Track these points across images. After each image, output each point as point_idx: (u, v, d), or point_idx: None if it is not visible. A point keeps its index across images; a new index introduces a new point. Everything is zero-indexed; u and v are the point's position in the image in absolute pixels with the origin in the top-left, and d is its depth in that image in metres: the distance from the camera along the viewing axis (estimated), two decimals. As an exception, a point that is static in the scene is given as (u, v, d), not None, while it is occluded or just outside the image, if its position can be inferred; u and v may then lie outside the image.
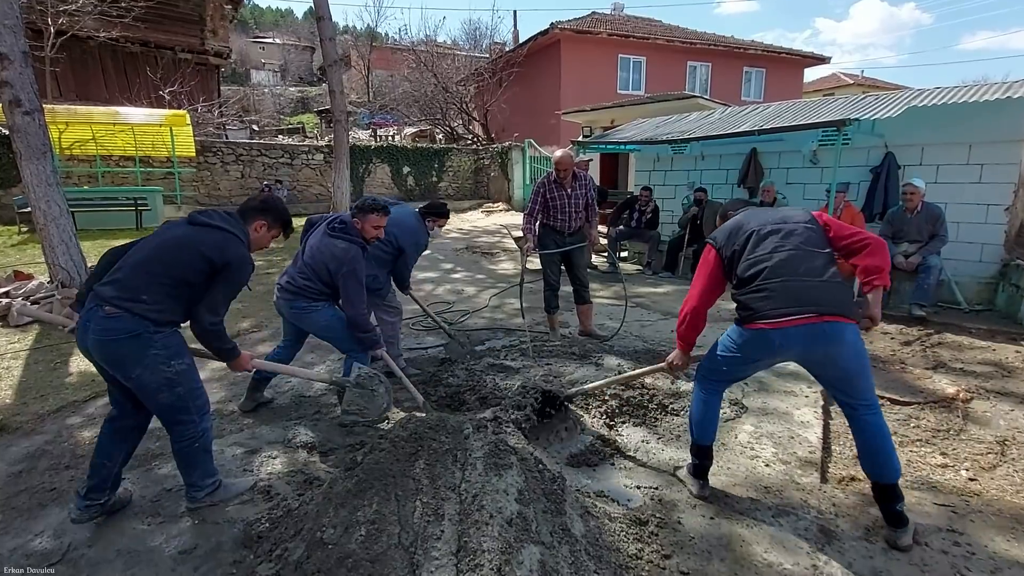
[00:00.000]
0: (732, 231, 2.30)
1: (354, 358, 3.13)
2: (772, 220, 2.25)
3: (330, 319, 3.08)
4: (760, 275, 2.12)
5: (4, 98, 5.50)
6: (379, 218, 3.10)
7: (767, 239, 2.19)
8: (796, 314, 2.01)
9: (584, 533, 2.05)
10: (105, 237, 9.06)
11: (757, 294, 2.10)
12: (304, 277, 3.03)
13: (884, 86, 28.36)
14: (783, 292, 2.06)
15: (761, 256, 2.15)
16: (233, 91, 26.11)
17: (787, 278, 2.07)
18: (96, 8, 11.90)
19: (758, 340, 2.12)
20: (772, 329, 2.05)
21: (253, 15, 55.11)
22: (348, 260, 2.94)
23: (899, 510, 2.10)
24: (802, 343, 2.04)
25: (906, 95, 5.57)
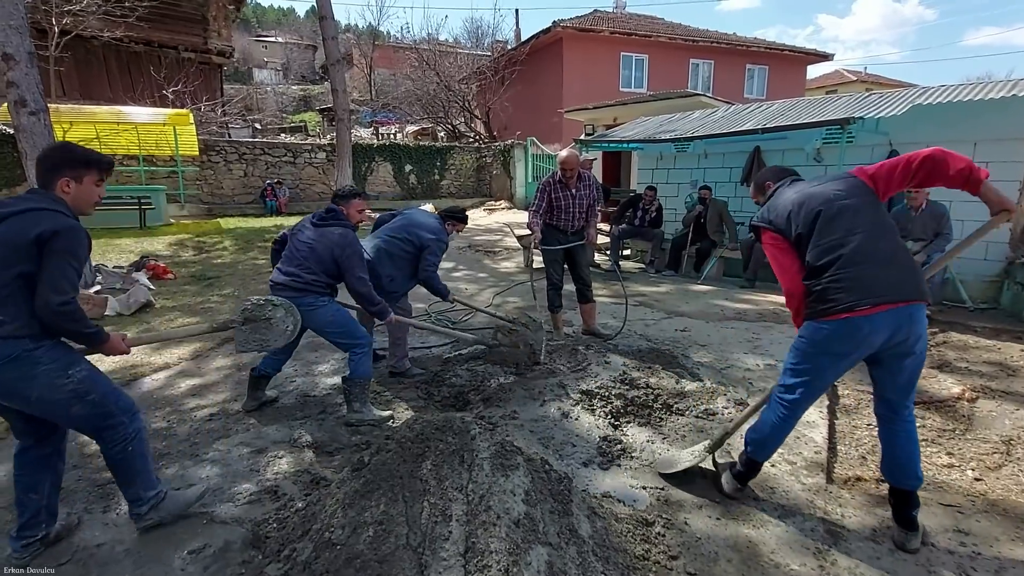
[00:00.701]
0: (793, 211, 2.10)
1: (355, 352, 3.13)
2: (835, 194, 2.06)
3: (336, 313, 3.12)
4: (836, 262, 1.97)
5: (10, 98, 5.53)
6: (361, 202, 3.27)
7: (835, 220, 2.01)
8: (884, 301, 1.91)
9: (591, 534, 2.05)
10: (109, 236, 9.09)
11: (837, 282, 1.96)
12: (309, 272, 3.04)
13: (887, 83, 28.29)
14: (869, 278, 1.93)
15: (835, 241, 1.99)
16: (236, 90, 26.13)
17: (869, 264, 1.95)
18: (100, 8, 11.90)
19: (847, 332, 1.97)
20: (860, 317, 1.92)
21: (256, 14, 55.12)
22: (348, 243, 3.07)
23: (914, 516, 2.09)
24: (891, 327, 1.93)
25: (911, 93, 5.56)
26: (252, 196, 13.58)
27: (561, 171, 4.35)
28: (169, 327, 5.03)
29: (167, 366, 4.09)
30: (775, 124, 5.84)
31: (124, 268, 6.60)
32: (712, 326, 4.95)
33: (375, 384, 3.70)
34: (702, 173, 7.99)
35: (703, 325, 4.99)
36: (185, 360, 4.22)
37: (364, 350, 3.15)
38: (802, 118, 5.82)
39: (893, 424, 2.10)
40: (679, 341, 4.51)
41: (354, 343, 3.14)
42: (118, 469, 2.08)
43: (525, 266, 8.02)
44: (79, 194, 1.99)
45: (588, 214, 4.52)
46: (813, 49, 21.59)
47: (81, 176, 1.98)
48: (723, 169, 7.72)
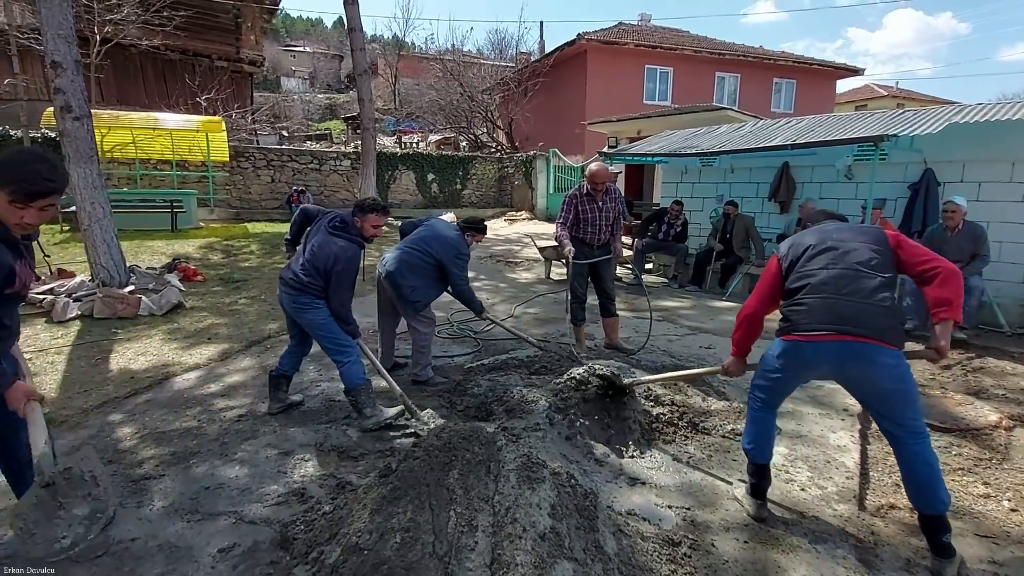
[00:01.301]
0: (795, 243, 2.32)
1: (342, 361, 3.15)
2: (835, 237, 2.22)
3: (327, 318, 3.14)
4: (803, 289, 2.15)
5: (56, 104, 5.75)
6: (378, 218, 3.24)
7: (821, 255, 2.18)
8: (829, 330, 2.03)
9: (617, 551, 2.04)
10: (142, 238, 9.35)
11: (797, 307, 2.14)
12: (307, 274, 3.10)
13: (919, 98, 27.81)
14: (821, 308, 2.07)
15: (809, 270, 2.17)
16: (265, 98, 26.75)
17: (828, 295, 2.08)
18: (140, 17, 12.32)
19: (791, 352, 2.16)
20: (804, 341, 2.08)
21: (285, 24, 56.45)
22: (345, 259, 3.07)
23: (946, 541, 2.04)
24: (834, 359, 2.06)
25: (947, 111, 5.46)
26: (278, 201, 13.83)
27: (590, 184, 4.36)
28: (198, 327, 5.14)
29: (197, 366, 4.18)
30: (805, 140, 5.77)
31: (157, 270, 6.78)
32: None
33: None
34: (728, 188, 7.93)
35: (728, 343, 4.88)
36: (215, 361, 4.30)
37: (349, 359, 3.15)
38: (833, 134, 5.75)
39: (899, 447, 2.12)
40: (703, 358, 4.46)
41: (340, 349, 3.15)
42: None
43: (546, 277, 8.02)
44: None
45: (614, 227, 4.52)
46: (842, 63, 21.34)
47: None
48: (750, 184, 7.65)
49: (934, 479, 2.05)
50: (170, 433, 3.10)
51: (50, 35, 5.57)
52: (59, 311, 5.18)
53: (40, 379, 3.88)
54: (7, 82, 11.12)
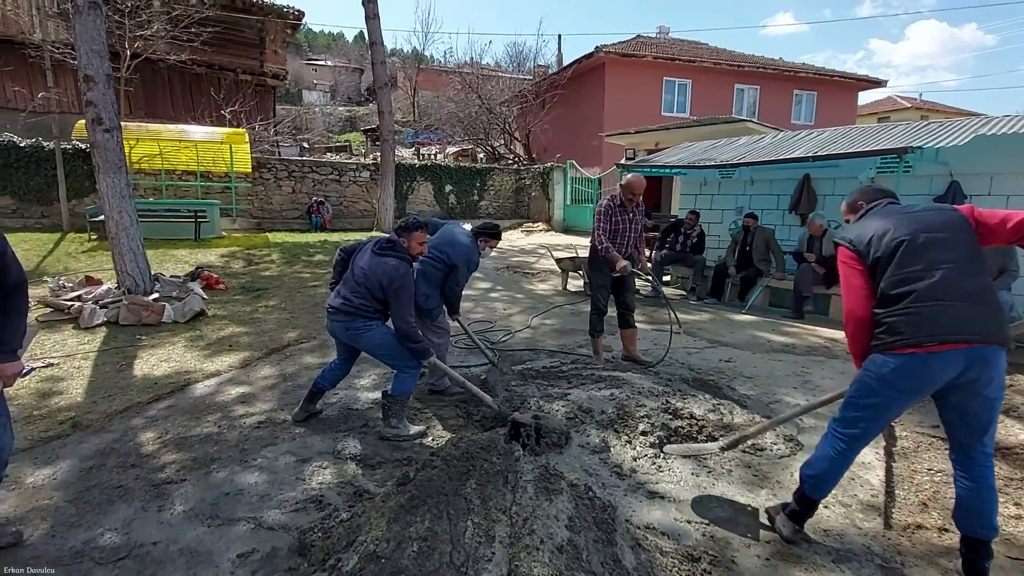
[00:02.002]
0: (875, 235, 2.03)
1: (403, 371, 3.21)
2: (925, 225, 1.98)
3: (384, 336, 3.18)
4: (911, 295, 1.90)
5: (88, 116, 5.93)
6: (422, 234, 3.25)
7: (921, 252, 1.93)
8: (955, 340, 1.85)
9: (635, 566, 2.01)
10: (167, 247, 9.55)
11: (910, 316, 1.89)
12: (359, 296, 3.13)
13: (944, 110, 27.39)
14: (943, 316, 1.86)
15: (914, 273, 1.91)
16: (287, 110, 27.29)
17: (946, 302, 1.87)
18: (169, 33, 12.71)
19: (910, 366, 1.91)
20: (927, 353, 1.86)
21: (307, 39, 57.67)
22: (399, 276, 3.08)
23: (986, 567, 1.99)
24: (960, 367, 1.87)
25: (973, 123, 5.37)
26: (299, 212, 14.05)
27: (625, 195, 4.35)
28: (219, 335, 5.22)
29: (218, 373, 4.24)
30: (827, 152, 5.72)
31: (180, 278, 6.91)
32: (758, 357, 4.82)
33: (414, 400, 3.74)
34: (748, 200, 7.87)
35: (748, 356, 4.86)
36: (235, 368, 4.36)
37: (413, 370, 3.21)
38: (855, 146, 5.68)
39: (969, 470, 2.00)
40: (723, 372, 4.41)
41: (405, 363, 3.21)
42: None
43: (563, 289, 8.01)
44: None
45: (639, 240, 4.52)
46: (864, 75, 21.12)
47: None
48: (770, 196, 7.58)
49: (992, 504, 1.98)
50: (191, 439, 3.14)
51: (83, 50, 5.76)
52: (86, 317, 5.31)
53: (67, 383, 3.97)
54: (41, 96, 11.51)
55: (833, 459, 2.15)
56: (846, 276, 2.11)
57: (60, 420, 3.34)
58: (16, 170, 10.89)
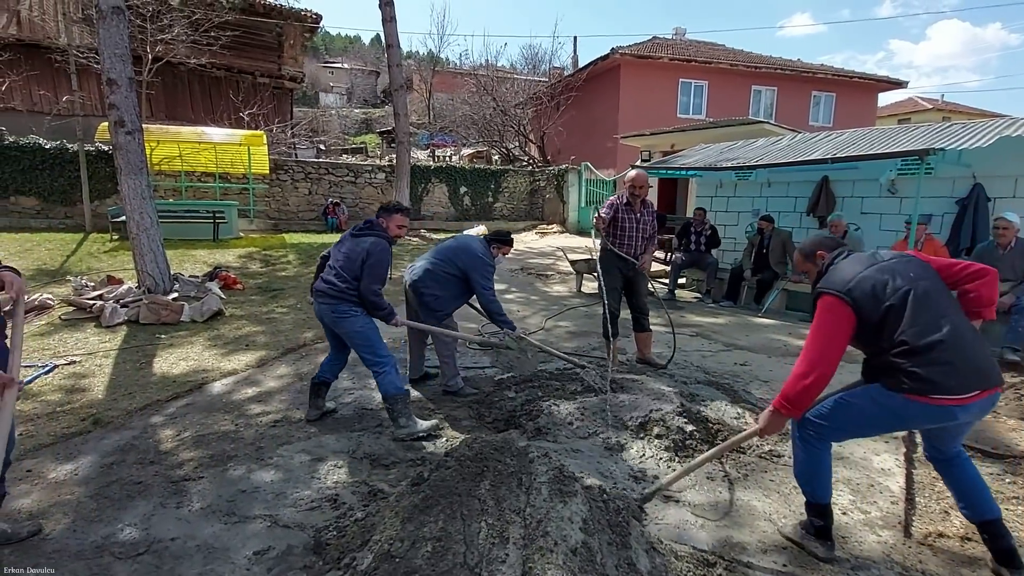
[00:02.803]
0: (876, 284, 2.00)
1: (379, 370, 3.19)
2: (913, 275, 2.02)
3: (364, 326, 3.19)
4: (938, 345, 1.90)
5: (110, 119, 6.05)
6: (402, 217, 3.32)
7: (925, 301, 1.97)
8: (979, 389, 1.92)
9: (650, 570, 1.99)
10: (186, 247, 9.71)
11: (938, 367, 1.90)
12: (343, 280, 3.16)
13: (967, 111, 26.85)
14: (964, 366, 1.91)
15: (931, 323, 1.94)
16: (304, 113, 27.57)
17: (964, 350, 1.93)
18: (190, 37, 12.92)
19: (937, 414, 1.95)
20: (957, 405, 1.91)
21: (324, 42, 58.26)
22: (377, 251, 3.14)
23: (1013, 547, 2.05)
24: (980, 412, 2.02)
25: (997, 124, 5.26)
26: (315, 213, 14.19)
27: (630, 190, 4.34)
28: (237, 335, 5.29)
29: (235, 372, 4.29)
30: (846, 154, 5.63)
31: (199, 278, 7.02)
32: (774, 361, 4.76)
33: (427, 402, 3.75)
34: (765, 202, 7.79)
35: (764, 360, 4.80)
36: (252, 368, 4.42)
37: (385, 368, 3.19)
38: (875, 148, 5.59)
39: (950, 469, 2.15)
40: (739, 375, 4.36)
41: (376, 359, 3.19)
42: None
43: (577, 291, 7.99)
44: None
45: (647, 242, 4.49)
46: (884, 76, 20.78)
47: None
48: (787, 199, 7.50)
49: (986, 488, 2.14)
50: (208, 436, 3.18)
51: (107, 54, 5.89)
52: (107, 316, 5.41)
53: (89, 381, 4.05)
54: (65, 99, 11.78)
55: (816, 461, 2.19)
56: (832, 328, 2.01)
57: (82, 417, 3.41)
58: (41, 171, 11.16)
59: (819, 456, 2.18)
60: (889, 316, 1.97)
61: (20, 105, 13.65)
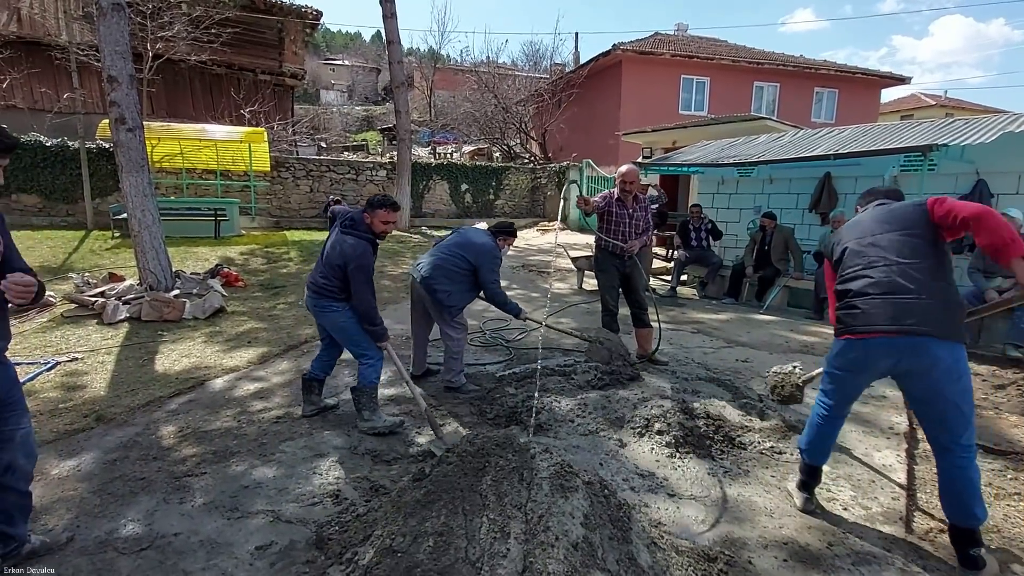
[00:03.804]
0: (835, 241, 2.43)
1: (364, 360, 3.21)
2: (872, 230, 2.27)
3: (346, 320, 3.19)
4: (850, 293, 2.22)
5: (111, 116, 6.05)
6: (387, 213, 3.20)
7: (860, 254, 2.25)
8: (877, 330, 2.09)
9: (651, 564, 2.00)
10: (188, 244, 9.71)
11: (849, 310, 2.21)
12: (323, 276, 3.17)
13: (970, 108, 26.78)
14: (869, 308, 2.13)
15: (852, 273, 2.25)
16: (305, 110, 27.58)
17: (873, 295, 2.14)
18: (190, 34, 12.91)
19: (846, 350, 2.24)
20: (856, 339, 2.17)
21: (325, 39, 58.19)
22: (356, 256, 3.06)
23: (974, 555, 2.07)
24: (890, 356, 2.10)
25: (1001, 119, 5.24)
26: (316, 210, 14.19)
27: (620, 185, 4.34)
28: (238, 331, 5.30)
29: (237, 369, 4.30)
30: (849, 150, 5.62)
31: (200, 275, 7.02)
32: (776, 358, 4.75)
33: (429, 398, 3.76)
34: (767, 199, 7.77)
35: (766, 356, 4.80)
36: (254, 364, 4.42)
37: (371, 361, 3.22)
38: (878, 144, 5.58)
39: (943, 461, 2.15)
40: (740, 372, 4.36)
41: (360, 351, 3.22)
42: None
43: (579, 288, 7.99)
44: None
45: (640, 236, 4.48)
46: (887, 72, 20.72)
47: None
48: (790, 195, 7.48)
49: (970, 493, 2.08)
50: (211, 433, 3.19)
51: (107, 51, 5.88)
52: (109, 313, 5.42)
53: (91, 377, 4.06)
54: (66, 96, 11.79)
55: (818, 424, 2.43)
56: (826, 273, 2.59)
57: (84, 413, 3.42)
58: (43, 169, 11.17)
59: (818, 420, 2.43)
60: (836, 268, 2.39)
61: (21, 103, 13.66)
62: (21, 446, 1.95)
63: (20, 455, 1.95)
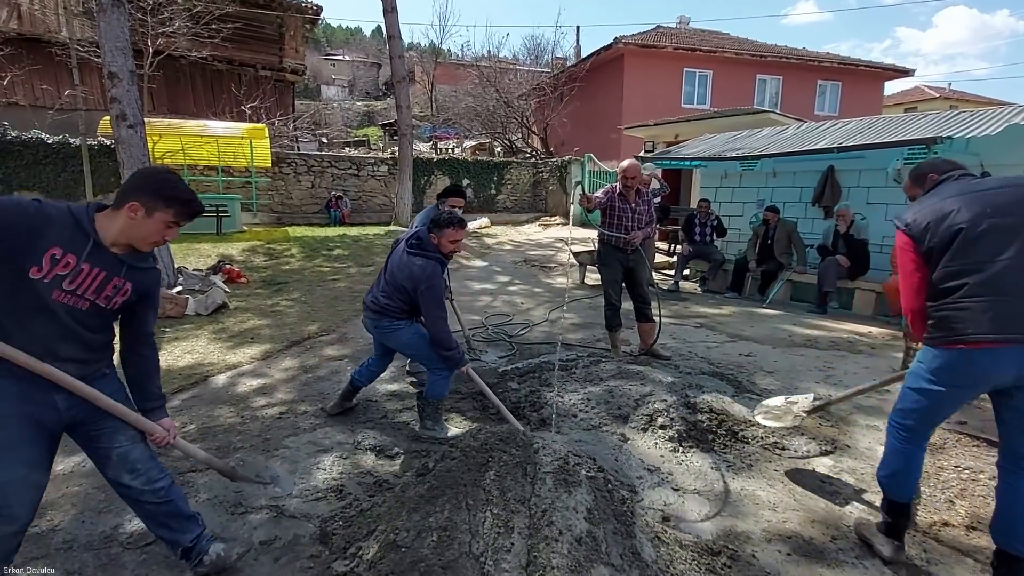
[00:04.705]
0: (933, 220, 1.86)
1: (434, 373, 3.10)
2: (991, 210, 1.80)
3: (411, 337, 3.08)
4: (965, 288, 1.78)
5: (112, 112, 6.05)
6: (455, 232, 2.99)
7: (981, 240, 1.78)
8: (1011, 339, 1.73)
9: (654, 559, 2.00)
10: (189, 241, 9.72)
11: (961, 310, 1.78)
12: (386, 296, 3.04)
13: (975, 100, 26.60)
14: (997, 311, 1.74)
15: (971, 264, 1.78)
16: (306, 106, 27.51)
17: (1005, 294, 1.74)
18: (191, 30, 12.89)
19: (959, 363, 1.82)
20: (978, 350, 1.76)
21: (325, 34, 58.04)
22: (425, 277, 2.89)
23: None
24: (1017, 368, 1.75)
25: (1006, 112, 5.20)
26: (318, 207, 14.20)
27: (622, 180, 4.32)
28: (241, 328, 5.30)
29: (239, 365, 4.31)
30: (853, 143, 5.59)
31: (203, 271, 7.04)
32: (779, 352, 4.75)
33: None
34: (770, 192, 7.73)
35: (769, 351, 4.79)
36: (257, 360, 4.43)
37: (441, 373, 3.08)
38: (882, 136, 5.55)
39: (1016, 479, 1.89)
40: (743, 366, 4.35)
41: (431, 365, 3.10)
42: None
43: (581, 282, 7.98)
44: (140, 226, 1.69)
45: (643, 230, 4.47)
46: (891, 64, 20.58)
47: (153, 210, 1.69)
48: (793, 188, 7.45)
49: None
50: (215, 429, 3.20)
51: (108, 47, 5.87)
52: (113, 309, 5.43)
53: (95, 373, 4.06)
54: (67, 93, 11.78)
55: (901, 452, 2.06)
56: (903, 264, 1.96)
57: (89, 409, 3.42)
58: (44, 166, 11.18)
59: (903, 452, 2.05)
60: (931, 257, 1.86)
61: (22, 100, 13.66)
62: (120, 464, 1.83)
63: (124, 473, 1.83)
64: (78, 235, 1.62)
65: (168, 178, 1.74)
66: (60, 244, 1.58)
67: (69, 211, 1.65)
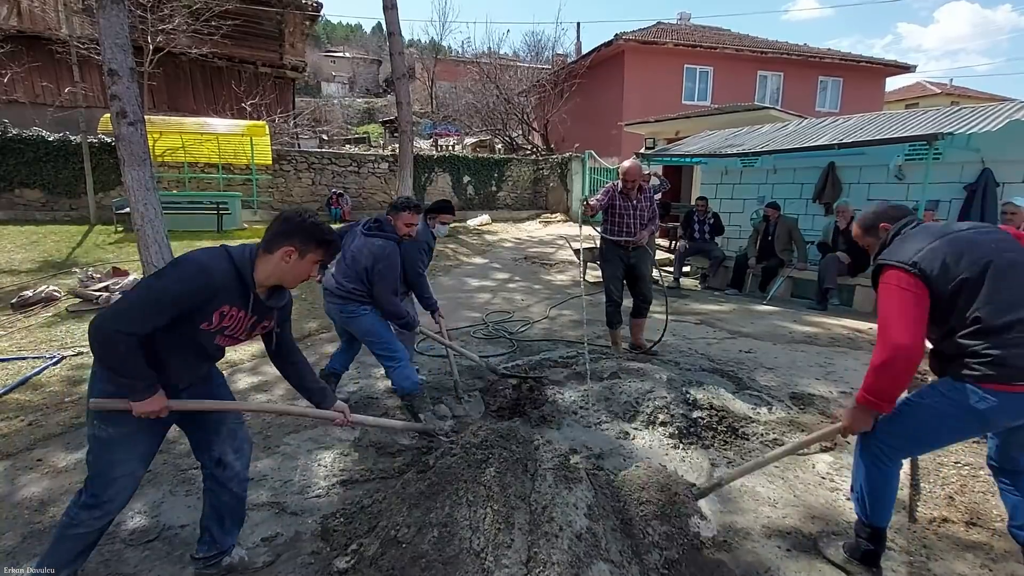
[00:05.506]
0: (948, 255, 1.76)
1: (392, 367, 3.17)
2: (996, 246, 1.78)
3: (373, 324, 3.16)
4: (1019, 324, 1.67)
5: (112, 110, 6.03)
6: (411, 215, 3.20)
7: (1010, 274, 1.72)
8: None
9: (654, 555, 2.00)
10: (190, 238, 9.73)
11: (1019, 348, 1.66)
12: (350, 280, 3.12)
13: (976, 95, 26.49)
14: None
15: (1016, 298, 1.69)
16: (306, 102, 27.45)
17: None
18: (190, 27, 12.86)
19: (1015, 406, 1.70)
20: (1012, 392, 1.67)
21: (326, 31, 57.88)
22: (384, 256, 3.05)
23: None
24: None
25: (1007, 108, 5.19)
26: (319, 204, 14.18)
27: (623, 181, 4.32)
28: (242, 325, 5.30)
29: (240, 362, 4.32)
30: (853, 139, 5.57)
31: (203, 268, 7.03)
32: (779, 348, 4.75)
33: (432, 390, 3.76)
34: (770, 189, 7.73)
35: (769, 347, 4.79)
36: (256, 357, 4.44)
37: (398, 364, 3.15)
38: (883, 133, 5.53)
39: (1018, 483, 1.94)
40: (743, 363, 4.35)
41: (389, 355, 3.17)
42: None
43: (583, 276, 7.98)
44: (294, 268, 1.81)
45: (646, 227, 4.46)
46: (892, 60, 20.50)
47: (306, 252, 1.80)
48: (793, 185, 7.44)
49: None
50: (216, 425, 3.20)
51: (107, 44, 5.85)
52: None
53: (97, 371, 4.07)
54: (68, 91, 11.77)
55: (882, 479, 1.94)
56: (905, 305, 1.76)
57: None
58: (45, 164, 11.17)
59: (885, 475, 1.93)
60: (963, 290, 1.73)
61: (23, 97, 13.64)
62: (229, 439, 1.95)
63: (229, 449, 1.95)
64: (242, 289, 1.77)
65: (317, 222, 1.85)
66: (228, 302, 1.74)
67: (233, 265, 1.75)
